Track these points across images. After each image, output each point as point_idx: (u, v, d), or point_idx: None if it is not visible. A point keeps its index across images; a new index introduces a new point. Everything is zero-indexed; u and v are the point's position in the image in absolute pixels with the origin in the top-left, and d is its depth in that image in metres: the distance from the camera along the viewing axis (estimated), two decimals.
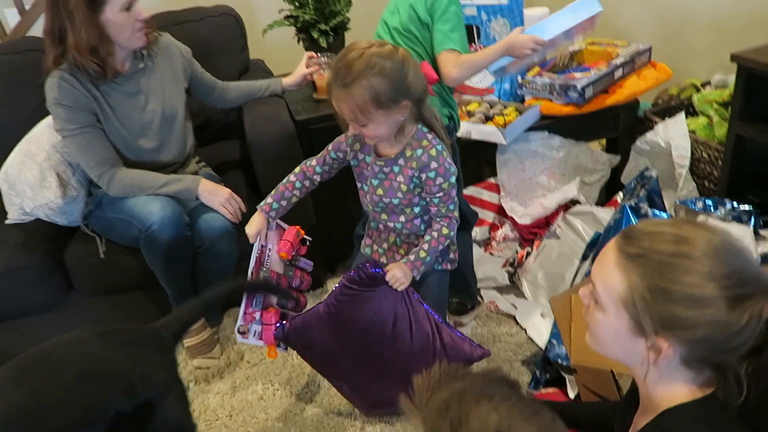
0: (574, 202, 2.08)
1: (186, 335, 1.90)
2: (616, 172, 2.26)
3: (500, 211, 2.17)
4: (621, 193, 1.96)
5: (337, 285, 1.44)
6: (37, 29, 2.79)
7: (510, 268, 1.95)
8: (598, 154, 2.26)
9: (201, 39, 2.22)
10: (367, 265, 1.38)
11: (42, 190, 1.79)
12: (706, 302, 0.74)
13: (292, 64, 2.17)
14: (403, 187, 1.39)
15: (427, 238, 1.40)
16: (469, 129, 2.02)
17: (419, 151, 1.35)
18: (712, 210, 1.82)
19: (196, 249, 1.76)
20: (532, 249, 1.94)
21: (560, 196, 2.10)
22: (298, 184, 1.50)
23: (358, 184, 1.50)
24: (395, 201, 1.41)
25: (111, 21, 1.63)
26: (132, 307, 1.98)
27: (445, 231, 1.40)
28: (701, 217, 1.82)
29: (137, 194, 1.72)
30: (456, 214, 1.42)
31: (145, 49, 1.78)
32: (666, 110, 2.25)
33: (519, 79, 2.15)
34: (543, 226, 2.08)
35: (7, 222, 1.95)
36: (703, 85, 2.30)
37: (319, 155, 1.50)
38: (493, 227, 2.17)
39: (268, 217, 1.49)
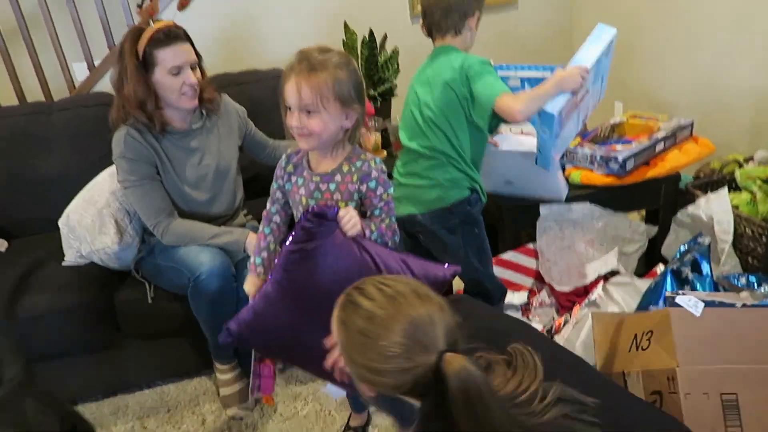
0: (613, 272, 2.08)
1: (221, 385, 1.94)
2: (655, 243, 2.26)
3: (538, 276, 2.18)
4: (661, 265, 1.95)
5: (278, 257, 1.32)
6: (104, 84, 3.01)
7: (547, 336, 1.94)
8: (636, 225, 2.26)
9: (256, 99, 2.35)
10: (312, 207, 1.29)
11: (100, 235, 1.89)
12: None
13: None
14: (341, 205, 1.37)
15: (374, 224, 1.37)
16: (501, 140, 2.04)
17: (359, 163, 1.36)
18: (756, 287, 1.79)
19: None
20: (570, 317, 1.93)
21: (599, 265, 2.11)
22: (266, 230, 1.51)
23: (294, 213, 1.48)
24: None
25: (159, 82, 1.76)
26: (173, 353, 2.03)
27: (390, 243, 1.38)
28: (744, 293, 1.79)
29: (189, 244, 1.80)
30: (395, 226, 1.40)
31: (203, 108, 1.90)
32: (708, 184, 2.25)
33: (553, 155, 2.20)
34: (581, 294, 2.08)
35: (63, 263, 2.06)
36: (746, 160, 2.30)
37: (270, 195, 1.50)
38: (532, 292, 2.17)
39: (257, 273, 1.49)
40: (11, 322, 1.83)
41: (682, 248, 1.84)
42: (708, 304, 1.38)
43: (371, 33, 2.39)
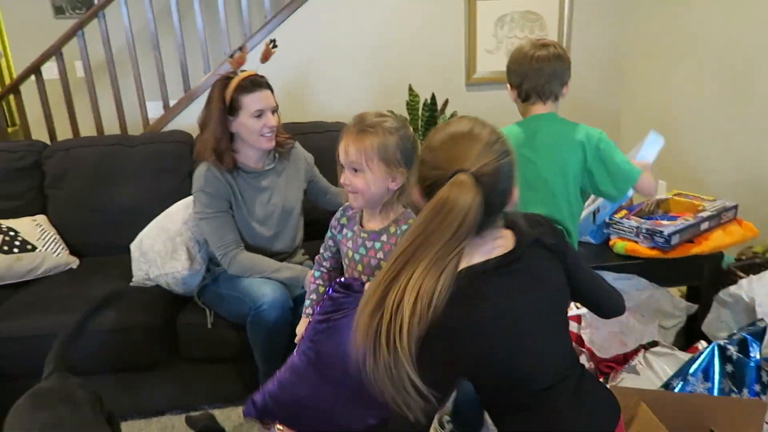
0: (652, 343, 2.13)
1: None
2: (695, 320, 2.29)
3: (578, 340, 2.23)
4: (703, 342, 2.00)
5: (306, 329, 1.38)
6: (176, 123, 3.25)
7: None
8: (677, 301, 2.31)
9: (320, 149, 2.49)
10: (339, 279, 1.37)
11: (171, 260, 2.04)
12: None
13: None
14: (377, 261, 1.44)
15: None
16: None
17: (404, 227, 1.43)
18: None
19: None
20: (608, 381, 1.97)
21: (641, 335, 2.16)
22: (317, 274, 1.63)
23: (344, 264, 1.57)
24: (369, 278, 1.44)
25: (243, 124, 1.93)
26: (223, 379, 2.13)
27: None
28: None
29: (252, 275, 1.93)
30: None
31: (276, 151, 2.07)
32: (750, 266, 2.29)
33: (606, 218, 2.29)
34: (620, 362, 2.12)
35: (131, 284, 2.20)
36: None
37: (324, 242, 1.62)
38: None
39: (306, 315, 1.59)
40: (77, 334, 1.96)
41: (734, 329, 1.88)
42: None
43: (433, 97, 2.57)
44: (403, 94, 2.78)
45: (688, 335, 2.30)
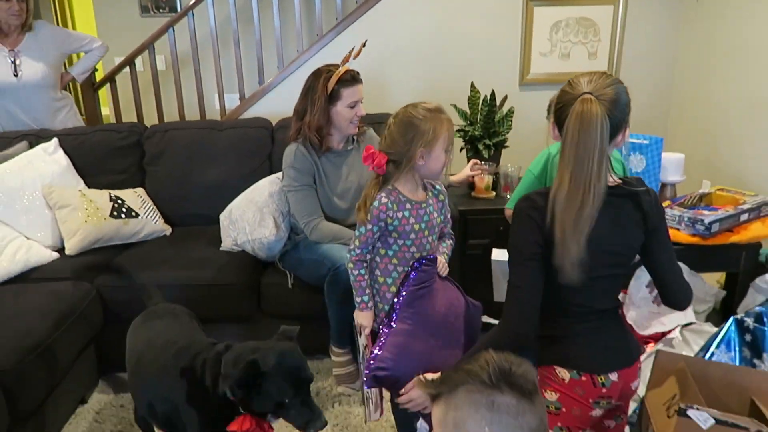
0: (688, 323, 2.31)
1: (335, 366, 2.30)
2: (731, 305, 2.46)
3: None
4: None
5: (397, 302, 1.66)
6: (250, 113, 3.56)
7: None
8: (708, 287, 2.49)
9: None
10: (427, 256, 1.70)
11: (260, 228, 2.34)
12: None
13: (450, 167, 2.66)
14: (438, 220, 1.74)
15: (445, 246, 1.82)
16: None
17: (438, 187, 1.76)
18: None
19: None
20: (644, 350, 2.16)
21: (679, 317, 2.34)
22: (363, 272, 1.74)
23: (399, 242, 1.69)
24: (434, 237, 1.73)
25: (338, 112, 2.21)
26: (301, 334, 2.39)
27: (452, 244, 1.83)
28: None
29: (331, 242, 2.21)
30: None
31: (355, 135, 2.35)
32: None
33: None
34: (658, 339, 2.31)
35: (221, 249, 2.51)
36: None
37: (363, 240, 1.70)
38: None
39: (370, 308, 1.77)
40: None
41: (757, 308, 2.06)
42: (719, 422, 1.48)
43: (492, 93, 2.80)
44: (463, 90, 3.02)
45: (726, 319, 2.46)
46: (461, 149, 2.94)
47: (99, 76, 3.82)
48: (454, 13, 3.51)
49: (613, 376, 1.38)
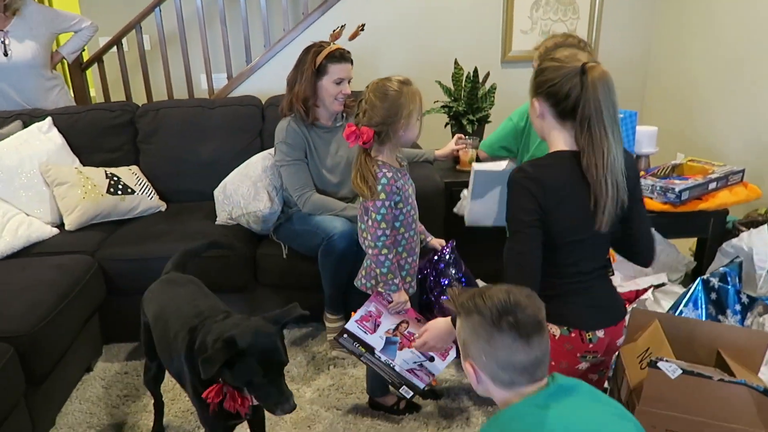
0: (660, 285, 2.46)
1: (330, 332, 2.42)
2: (701, 270, 2.61)
3: None
4: None
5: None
6: (238, 92, 3.62)
7: None
8: (681, 257, 2.65)
9: None
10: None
11: (254, 201, 2.43)
12: None
13: (433, 143, 2.77)
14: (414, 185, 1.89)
15: None
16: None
17: (401, 155, 1.89)
18: None
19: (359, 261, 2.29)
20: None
21: (652, 279, 2.50)
22: (392, 256, 1.81)
23: (404, 210, 1.81)
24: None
25: (324, 87, 2.30)
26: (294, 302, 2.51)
27: None
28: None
29: (323, 213, 2.31)
30: None
31: (345, 112, 2.44)
32: (752, 223, 2.61)
33: None
34: (632, 299, 2.46)
35: (216, 223, 2.61)
36: None
37: (387, 220, 1.77)
38: None
39: (408, 287, 1.89)
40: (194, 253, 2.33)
41: (721, 268, 2.22)
42: (686, 372, 1.57)
43: (475, 70, 2.91)
44: (447, 67, 3.12)
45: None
46: (446, 124, 3.05)
47: (85, 56, 3.85)
48: None
49: (600, 333, 1.49)
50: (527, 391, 1.10)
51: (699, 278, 1.99)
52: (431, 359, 1.86)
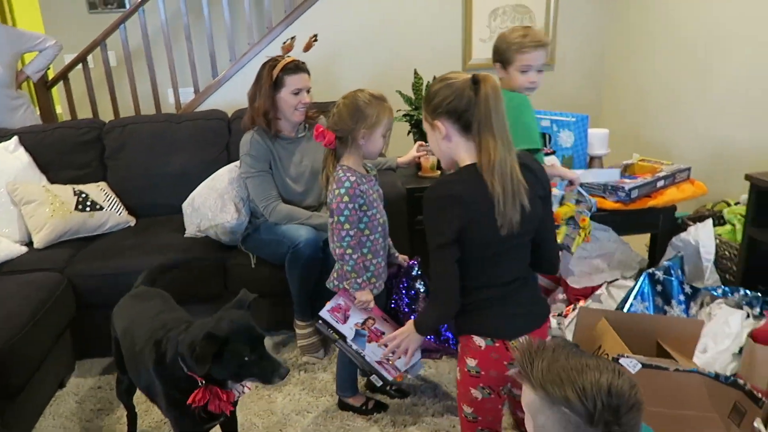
0: (613, 280, 2.59)
1: (300, 338, 2.48)
2: (654, 264, 2.74)
3: (556, 280, 2.69)
4: None
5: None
6: (205, 105, 3.67)
7: (559, 318, 2.44)
8: (635, 255, 2.77)
9: None
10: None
11: (222, 213, 2.49)
12: None
13: (396, 150, 2.85)
14: (381, 192, 1.96)
15: None
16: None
17: (370, 165, 1.97)
18: (729, 295, 2.28)
19: (327, 267, 2.36)
20: (576, 306, 2.43)
21: (606, 276, 2.62)
22: (359, 254, 1.90)
23: (369, 213, 1.87)
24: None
25: (283, 98, 2.38)
26: (263, 311, 2.57)
27: None
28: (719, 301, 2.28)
29: (289, 222, 2.38)
30: None
31: (307, 122, 2.52)
32: (700, 218, 2.74)
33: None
34: (588, 295, 2.57)
35: (185, 235, 2.66)
36: (736, 203, 2.80)
37: (351, 221, 1.83)
38: (547, 291, 2.68)
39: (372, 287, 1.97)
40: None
41: (665, 262, 2.35)
42: (645, 366, 1.67)
43: (435, 79, 3.01)
44: (408, 77, 3.22)
45: None
46: (408, 132, 3.15)
47: (51, 74, 3.87)
48: (399, 3, 3.70)
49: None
50: None
51: (645, 273, 2.10)
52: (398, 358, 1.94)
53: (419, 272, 2.08)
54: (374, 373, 1.93)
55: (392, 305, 2.10)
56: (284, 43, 2.41)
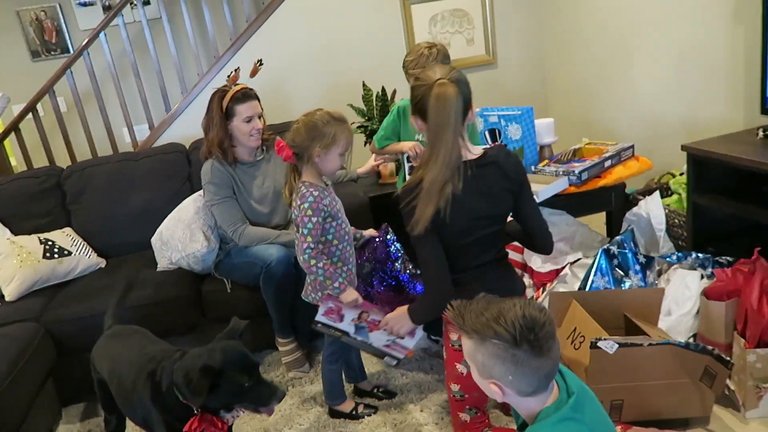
0: (575, 260, 2.71)
1: (283, 354, 2.53)
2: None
3: (522, 267, 2.80)
4: None
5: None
6: (162, 140, 3.69)
7: None
8: (595, 235, 2.90)
9: None
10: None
11: (191, 243, 2.53)
12: None
13: (354, 162, 2.93)
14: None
15: None
16: None
17: (328, 182, 2.05)
18: (683, 260, 2.42)
19: (299, 282, 2.42)
20: (545, 289, 2.54)
21: (569, 258, 2.74)
22: (324, 261, 1.94)
23: (334, 224, 1.96)
24: None
25: (236, 127, 2.44)
26: (246, 333, 2.61)
27: None
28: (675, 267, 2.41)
29: (259, 243, 2.43)
30: None
31: (264, 145, 2.58)
32: (649, 192, 2.89)
33: (533, 168, 2.86)
34: (554, 278, 2.69)
35: (157, 270, 2.68)
36: (681, 174, 2.96)
37: (314, 234, 1.90)
38: None
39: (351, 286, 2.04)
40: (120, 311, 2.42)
41: (618, 237, 2.48)
42: (621, 345, 1.80)
43: (383, 89, 3.11)
44: (357, 90, 3.31)
45: None
46: (365, 143, 3.23)
47: (0, 127, 3.84)
48: (340, 20, 3.80)
49: None
50: (548, 396, 1.22)
51: (600, 249, 2.22)
52: (402, 338, 2.02)
53: (392, 239, 2.20)
54: (386, 356, 2.03)
55: (392, 282, 2.21)
56: (228, 76, 2.47)
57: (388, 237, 2.26)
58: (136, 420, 1.84)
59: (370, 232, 2.29)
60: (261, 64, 2.58)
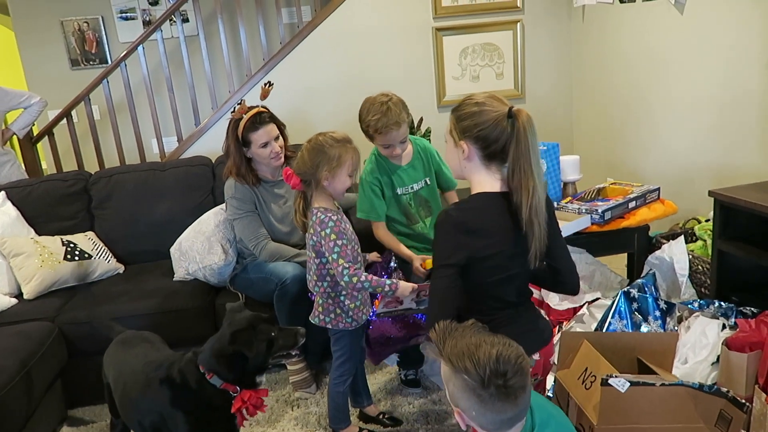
0: (594, 300, 2.66)
1: (291, 374, 2.51)
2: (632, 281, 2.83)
3: (539, 303, 2.76)
4: None
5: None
6: (189, 153, 3.75)
7: None
8: (614, 276, 2.86)
9: None
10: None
11: (209, 255, 2.55)
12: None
13: None
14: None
15: None
16: None
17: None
18: (705, 307, 2.36)
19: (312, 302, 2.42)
20: (562, 327, 2.49)
21: (587, 297, 2.70)
22: (365, 274, 1.94)
23: (350, 247, 1.95)
24: None
25: (254, 153, 2.48)
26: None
27: None
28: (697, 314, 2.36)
29: (278, 260, 2.44)
30: None
31: (288, 164, 2.60)
32: (673, 236, 2.85)
33: (555, 204, 2.84)
34: (571, 316, 2.64)
35: (174, 279, 2.70)
36: (707, 220, 2.91)
37: (345, 254, 1.90)
38: None
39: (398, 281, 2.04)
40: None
41: (639, 280, 2.43)
42: (633, 383, 1.72)
43: (418, 120, 3.13)
44: None
45: None
46: None
47: (35, 130, 3.94)
48: (372, 48, 3.85)
49: (536, 356, 1.62)
50: None
51: (620, 291, 2.18)
52: None
53: (395, 265, 2.18)
54: None
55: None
56: (232, 111, 2.50)
57: (391, 264, 2.24)
58: (138, 428, 1.83)
59: (373, 256, 2.26)
60: (270, 86, 2.61)
